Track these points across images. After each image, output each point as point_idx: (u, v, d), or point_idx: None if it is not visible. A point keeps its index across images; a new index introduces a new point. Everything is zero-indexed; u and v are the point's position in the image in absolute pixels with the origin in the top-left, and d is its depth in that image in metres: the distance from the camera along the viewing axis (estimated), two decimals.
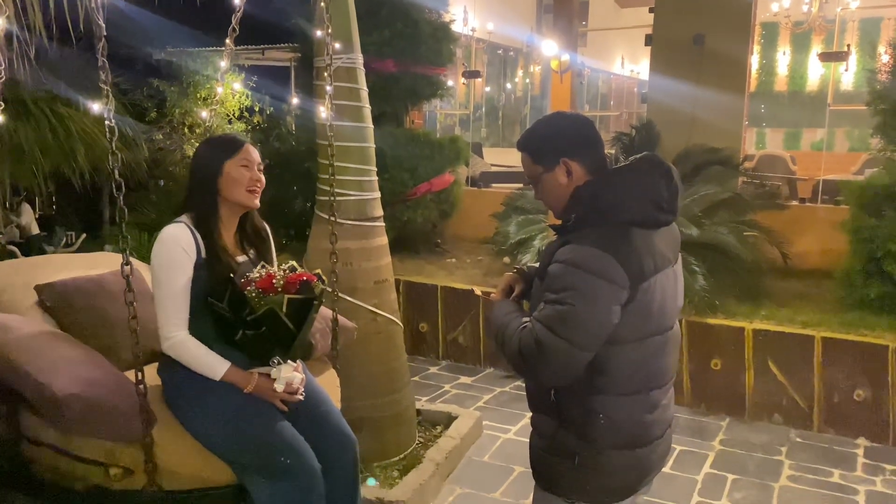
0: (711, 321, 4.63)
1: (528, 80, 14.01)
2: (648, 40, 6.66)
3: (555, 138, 1.83)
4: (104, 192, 8.39)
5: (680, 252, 1.93)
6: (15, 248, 6.57)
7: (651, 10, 6.82)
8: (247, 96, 7.95)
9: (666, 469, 3.83)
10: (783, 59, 12.40)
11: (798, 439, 4.27)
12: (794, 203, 6.94)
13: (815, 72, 12.05)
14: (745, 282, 5.00)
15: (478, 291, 2.03)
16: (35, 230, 7.74)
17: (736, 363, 4.57)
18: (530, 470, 1.97)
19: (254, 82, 7.97)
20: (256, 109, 8.06)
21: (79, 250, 7.81)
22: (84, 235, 8.42)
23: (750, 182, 6.42)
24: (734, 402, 4.59)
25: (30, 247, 7.32)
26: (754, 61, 10.27)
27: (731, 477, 3.78)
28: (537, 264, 1.95)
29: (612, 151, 6.18)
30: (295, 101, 7.93)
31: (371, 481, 3.31)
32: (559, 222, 1.84)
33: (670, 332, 1.86)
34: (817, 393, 4.35)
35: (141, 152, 6.12)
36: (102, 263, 2.93)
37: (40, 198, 7.48)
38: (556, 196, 1.83)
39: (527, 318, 1.80)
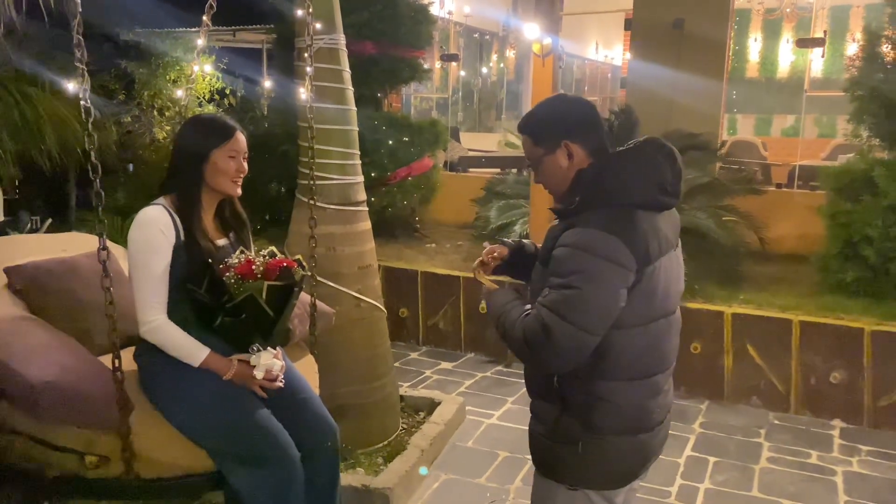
0: (691, 305, 4.65)
1: (502, 65, 13.96)
2: (628, 24, 6.66)
3: (556, 120, 1.81)
4: (70, 175, 8.19)
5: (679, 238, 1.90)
6: None
7: None
8: (218, 78, 7.79)
9: None
10: (755, 46, 12.50)
11: (776, 421, 4.31)
12: (771, 188, 7.00)
13: (786, 58, 12.17)
14: (724, 266, 5.03)
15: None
16: (0, 216, 7.53)
17: (715, 347, 4.60)
18: (515, 455, 1.94)
19: (224, 64, 7.80)
20: (228, 92, 7.90)
21: None
22: (49, 220, 8.21)
23: (727, 167, 6.46)
24: (713, 386, 4.62)
25: None
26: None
27: (712, 459, 3.81)
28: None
29: None
30: (268, 83, 7.81)
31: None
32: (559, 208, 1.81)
33: (673, 317, 1.84)
34: (794, 376, 4.40)
35: (110, 135, 5.96)
36: (73, 245, 2.82)
37: (2, 183, 7.27)
38: (557, 179, 1.80)
39: (528, 306, 1.76)
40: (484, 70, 13.66)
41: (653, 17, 6.38)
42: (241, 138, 2.21)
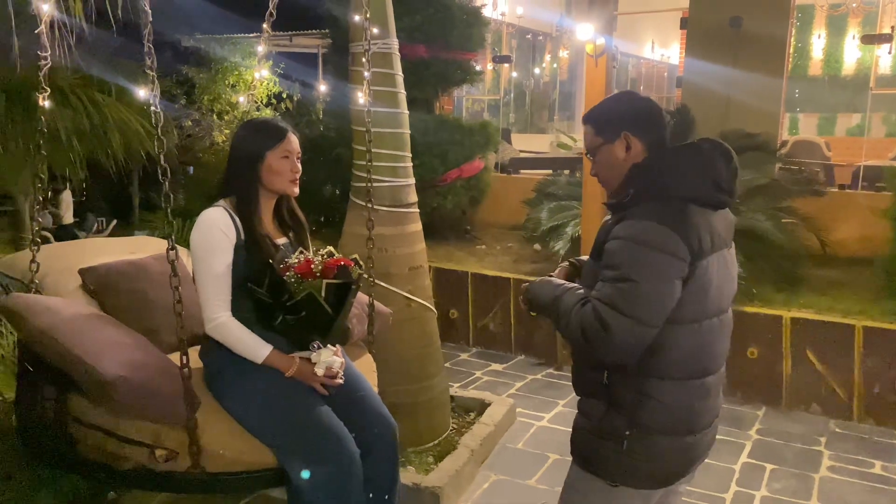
0: (748, 309, 4.56)
1: (555, 65, 13.87)
2: (684, 23, 6.54)
3: (619, 112, 1.83)
4: (133, 178, 8.48)
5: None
6: (48, 234, 6.68)
7: None
8: (275, 83, 7.96)
9: None
10: (818, 43, 12.12)
11: (837, 430, 4.19)
12: (834, 190, 6.79)
13: (852, 55, 11.76)
14: (783, 269, 4.92)
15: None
16: (70, 219, 7.87)
17: (773, 352, 4.49)
18: (565, 458, 1.94)
19: (281, 69, 7.98)
20: (284, 96, 8.07)
21: (110, 236, 7.93)
22: (115, 222, 8.54)
23: (787, 168, 6.29)
24: (771, 392, 4.52)
25: (62, 233, 7.44)
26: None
27: (769, 467, 3.73)
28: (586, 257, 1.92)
29: None
30: (323, 87, 7.95)
31: None
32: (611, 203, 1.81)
33: (725, 316, 1.82)
34: (857, 383, 4.27)
35: (172, 139, 6.16)
36: (142, 247, 2.95)
37: (71, 184, 7.59)
38: (613, 170, 1.81)
39: (582, 290, 1.76)
40: (536, 71, 13.60)
41: (709, 16, 6.26)
42: (293, 139, 2.26)
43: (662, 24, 13.86)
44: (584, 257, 2.08)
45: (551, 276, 1.97)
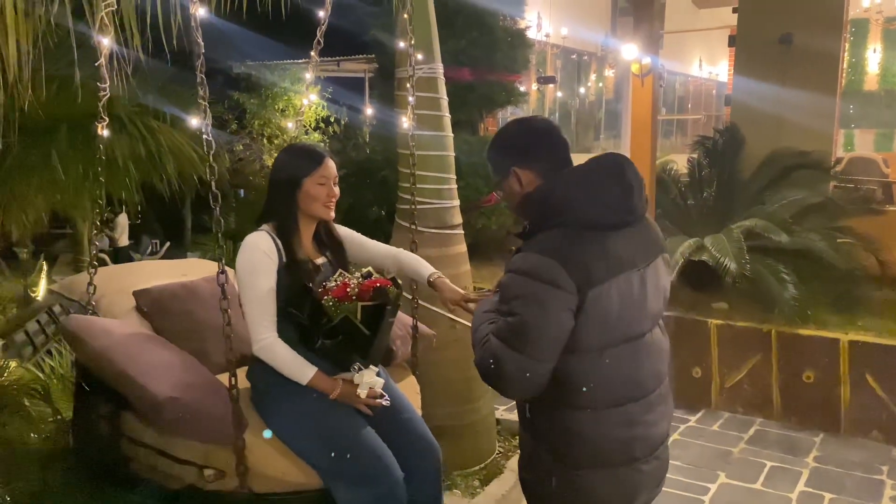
0: (803, 332, 4.43)
1: (601, 84, 13.81)
2: (732, 41, 6.45)
3: (504, 148, 1.82)
4: (186, 201, 8.72)
5: (665, 254, 1.82)
6: (105, 256, 6.91)
7: (735, 10, 6.60)
8: (322, 107, 8.13)
9: (756, 486, 3.68)
10: (874, 57, 11.79)
11: None
12: (892, 208, 6.56)
13: None
14: (839, 291, 4.77)
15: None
16: (125, 241, 8.14)
17: (830, 376, 4.34)
18: None
19: (329, 93, 8.15)
20: (332, 120, 8.22)
21: (163, 258, 8.16)
22: (168, 244, 8.80)
23: (842, 186, 6.11)
24: (828, 418, 4.36)
25: (118, 255, 7.69)
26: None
27: (827, 496, 3.59)
28: None
29: (695, 156, 6.00)
30: (370, 111, 8.08)
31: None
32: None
33: (642, 341, 1.73)
34: None
35: (223, 163, 6.33)
36: (193, 270, 3.02)
37: (127, 208, 7.85)
38: (514, 204, 1.79)
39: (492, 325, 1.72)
40: (581, 90, 13.56)
41: (758, 33, 6.16)
42: (330, 164, 2.30)
43: (710, 41, 13.69)
44: None
45: (489, 292, 1.94)
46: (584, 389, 1.67)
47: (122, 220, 7.91)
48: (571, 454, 1.70)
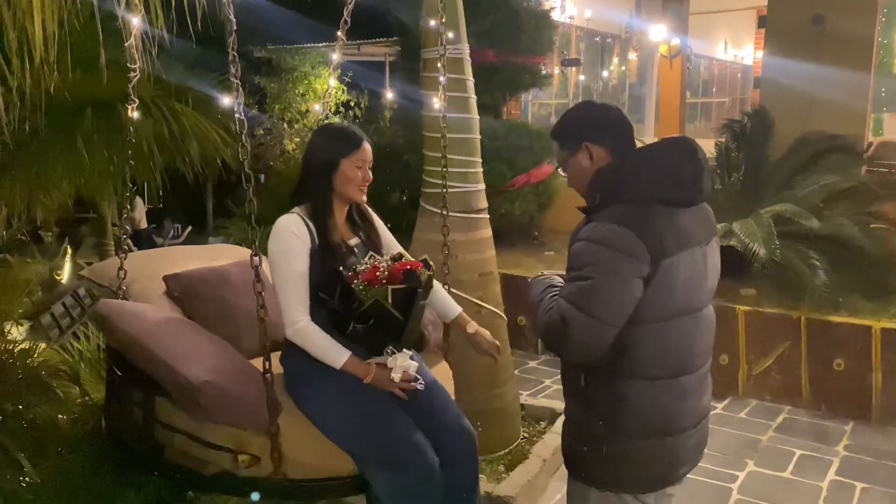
0: (834, 319, 4.36)
1: (624, 68, 13.63)
2: (762, 22, 6.33)
3: (576, 124, 1.91)
4: (208, 185, 8.73)
5: (716, 235, 1.90)
6: (129, 240, 6.94)
7: None
8: (343, 91, 8.08)
9: (786, 474, 3.64)
10: None
11: None
12: None
13: None
14: (872, 277, 4.69)
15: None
16: (144, 224, 8.17)
17: (862, 364, 4.28)
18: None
19: (349, 77, 8.10)
20: (352, 104, 8.17)
21: (185, 242, 8.18)
22: (190, 228, 8.82)
23: (874, 170, 5.99)
24: (860, 406, 4.30)
25: (139, 239, 7.73)
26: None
27: (859, 485, 3.54)
28: None
29: (723, 140, 5.91)
30: (390, 95, 8.02)
31: None
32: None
33: (700, 314, 1.82)
34: None
35: (246, 147, 6.30)
36: (223, 255, 3.01)
37: (149, 192, 7.86)
38: (581, 178, 1.86)
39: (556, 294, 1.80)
40: (605, 73, 13.39)
41: (790, 14, 6.02)
42: (367, 148, 2.26)
43: (736, 23, 13.42)
44: None
45: (546, 274, 2.00)
46: (643, 360, 1.74)
47: (139, 201, 7.94)
48: (624, 424, 1.78)
